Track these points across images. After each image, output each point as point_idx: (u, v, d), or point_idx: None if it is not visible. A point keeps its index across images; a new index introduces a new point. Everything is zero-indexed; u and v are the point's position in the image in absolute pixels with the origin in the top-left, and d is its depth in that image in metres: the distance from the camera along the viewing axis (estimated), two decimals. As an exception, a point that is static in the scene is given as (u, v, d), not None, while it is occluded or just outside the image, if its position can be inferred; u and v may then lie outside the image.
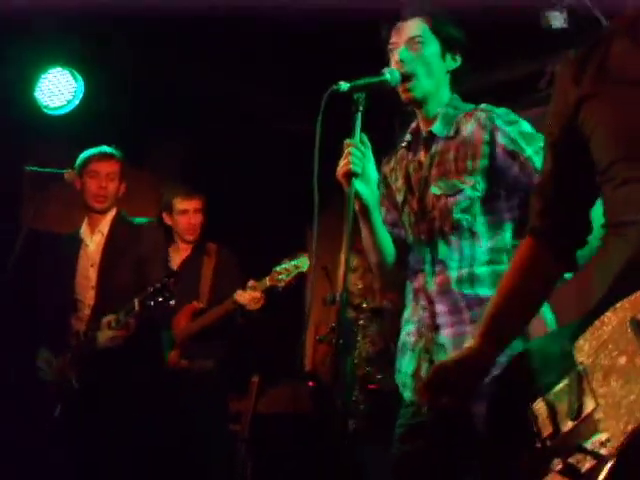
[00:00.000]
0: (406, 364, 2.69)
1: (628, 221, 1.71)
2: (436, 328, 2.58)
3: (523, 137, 2.56)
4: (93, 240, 4.45)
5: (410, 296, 2.72)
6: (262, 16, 4.56)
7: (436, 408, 1.94)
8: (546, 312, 2.55)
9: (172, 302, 4.07)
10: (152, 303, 4.01)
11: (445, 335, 2.56)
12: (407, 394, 2.68)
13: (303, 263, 4.54)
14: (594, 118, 1.80)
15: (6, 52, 4.71)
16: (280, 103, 5.86)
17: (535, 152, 2.50)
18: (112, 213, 4.46)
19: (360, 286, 5.07)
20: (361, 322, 5.00)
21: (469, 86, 2.77)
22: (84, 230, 4.49)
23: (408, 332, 2.71)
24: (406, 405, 2.69)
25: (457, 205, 2.58)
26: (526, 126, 2.60)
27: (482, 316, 2.08)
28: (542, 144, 2.45)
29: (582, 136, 1.83)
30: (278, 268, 4.57)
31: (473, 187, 2.57)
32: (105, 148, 4.44)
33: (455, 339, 2.53)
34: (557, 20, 4.71)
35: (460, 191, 2.58)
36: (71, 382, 4.21)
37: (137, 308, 4.03)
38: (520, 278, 2.02)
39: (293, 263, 4.55)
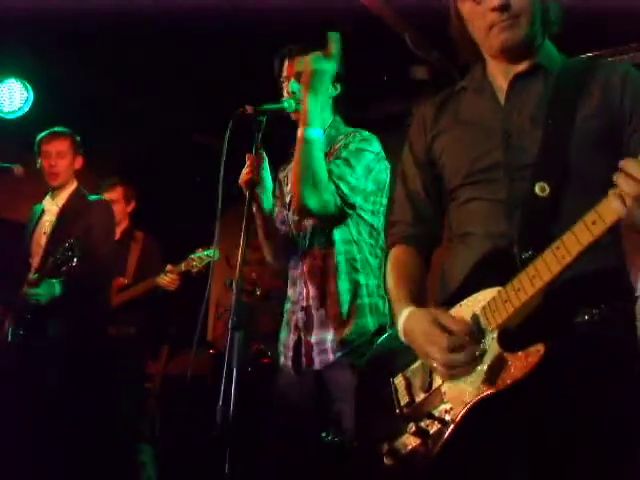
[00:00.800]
0: (283, 335, 2.65)
1: (470, 232, 1.69)
2: (307, 308, 2.55)
3: (349, 161, 2.48)
4: (50, 211, 4.03)
5: (290, 280, 2.67)
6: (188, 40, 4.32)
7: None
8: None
9: (74, 263, 3.52)
10: (59, 262, 3.54)
11: (313, 314, 2.53)
12: (281, 359, 2.63)
13: (214, 254, 4.45)
14: (443, 150, 1.79)
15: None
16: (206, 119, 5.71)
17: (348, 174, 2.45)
18: (71, 188, 4.04)
19: (253, 276, 5.02)
20: (255, 305, 4.95)
21: (354, 117, 2.73)
22: (46, 202, 4.08)
23: (287, 309, 2.67)
24: (280, 368, 2.64)
25: None
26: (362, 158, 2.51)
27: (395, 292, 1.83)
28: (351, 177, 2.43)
29: (436, 163, 1.81)
30: (193, 256, 4.46)
31: None
32: (55, 128, 4.05)
33: (319, 318, 2.50)
34: (421, 73, 4.79)
35: None
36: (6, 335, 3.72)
37: (49, 266, 3.61)
38: (405, 270, 1.86)
39: (205, 253, 4.45)
